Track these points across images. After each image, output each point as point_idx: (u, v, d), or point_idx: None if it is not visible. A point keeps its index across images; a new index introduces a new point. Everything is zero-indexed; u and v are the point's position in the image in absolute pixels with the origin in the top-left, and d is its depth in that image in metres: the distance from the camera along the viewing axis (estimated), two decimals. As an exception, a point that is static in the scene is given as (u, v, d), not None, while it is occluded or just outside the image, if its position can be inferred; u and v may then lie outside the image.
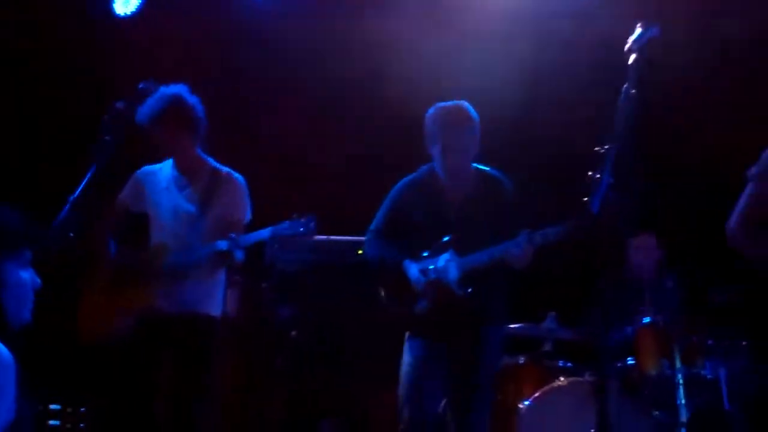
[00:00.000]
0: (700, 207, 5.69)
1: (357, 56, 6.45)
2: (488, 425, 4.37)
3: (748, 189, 3.71)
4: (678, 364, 4.83)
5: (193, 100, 4.55)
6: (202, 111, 4.57)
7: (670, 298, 5.32)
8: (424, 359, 4.33)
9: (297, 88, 6.59)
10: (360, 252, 4.88)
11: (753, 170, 3.69)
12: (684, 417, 4.72)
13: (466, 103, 4.40)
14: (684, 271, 5.48)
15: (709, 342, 4.99)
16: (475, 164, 4.42)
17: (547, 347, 5.41)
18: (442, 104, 4.41)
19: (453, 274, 4.23)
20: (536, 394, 4.92)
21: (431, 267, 4.27)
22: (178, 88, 4.54)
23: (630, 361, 5.07)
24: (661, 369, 4.92)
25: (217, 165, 4.62)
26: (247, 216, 4.54)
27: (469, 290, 4.21)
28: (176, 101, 4.49)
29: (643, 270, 5.80)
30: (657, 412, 4.82)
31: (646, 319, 5.05)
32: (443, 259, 4.26)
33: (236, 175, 4.59)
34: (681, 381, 4.77)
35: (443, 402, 4.49)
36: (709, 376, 4.94)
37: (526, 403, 4.89)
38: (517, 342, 5.41)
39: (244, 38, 6.54)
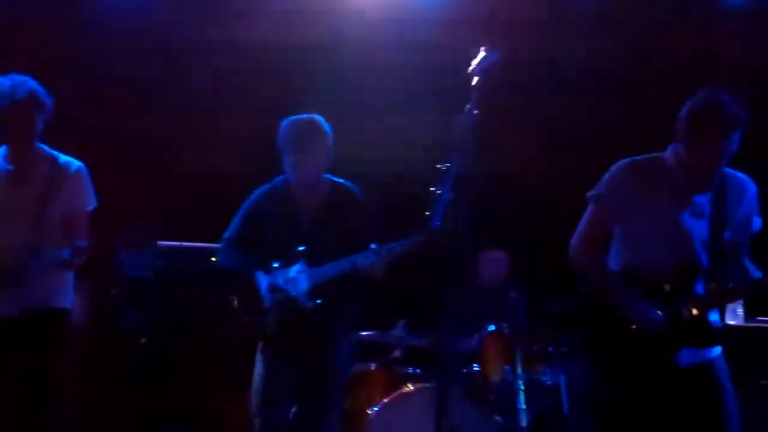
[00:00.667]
0: (540, 221, 5.98)
1: (218, 58, 6.46)
2: (337, 432, 4.48)
3: (588, 211, 3.95)
4: (519, 370, 5.04)
5: (43, 90, 4.42)
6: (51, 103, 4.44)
7: (513, 307, 5.54)
8: (276, 368, 4.39)
9: (155, 89, 6.52)
10: (213, 259, 4.90)
11: (592, 192, 3.92)
12: (524, 422, 4.93)
13: (318, 117, 4.47)
14: (526, 282, 5.71)
15: (550, 349, 5.23)
16: (328, 176, 4.51)
17: (397, 354, 5.54)
18: (295, 117, 4.46)
19: (303, 285, 4.31)
20: (385, 400, 5.03)
21: (282, 278, 4.34)
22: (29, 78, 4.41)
23: (475, 368, 5.26)
24: (503, 375, 5.13)
25: (55, 153, 4.43)
26: (91, 204, 4.42)
27: (318, 302, 4.30)
28: (34, 88, 4.35)
29: (492, 282, 6.03)
30: (499, 417, 5.00)
31: (491, 328, 5.26)
32: (294, 270, 4.33)
33: (76, 163, 4.41)
34: (522, 387, 4.99)
35: (293, 409, 4.57)
36: (549, 382, 5.18)
37: (375, 409, 4.99)
38: (368, 349, 5.52)
39: (98, 33, 6.42)
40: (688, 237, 3.75)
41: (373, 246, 4.21)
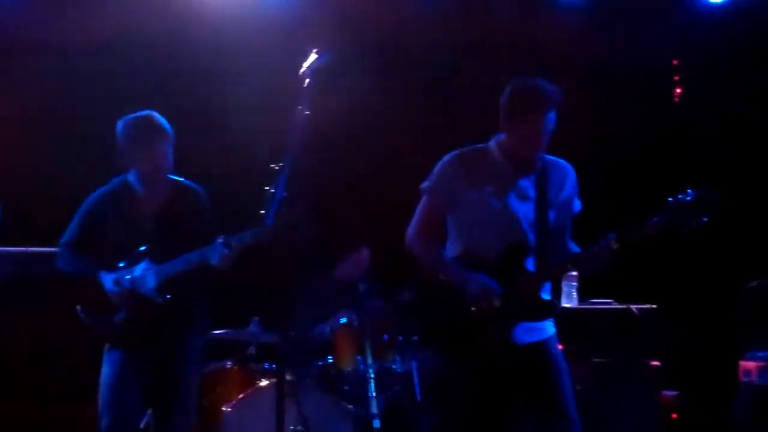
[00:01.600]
0: (386, 213, 6.16)
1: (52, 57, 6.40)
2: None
3: (422, 201, 4.14)
4: (370, 360, 5.21)
5: None
6: None
7: (363, 298, 5.68)
8: (125, 370, 4.36)
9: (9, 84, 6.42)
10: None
11: (425, 184, 4.11)
12: (375, 409, 5.08)
13: (155, 114, 4.47)
14: (376, 273, 5.87)
15: (399, 338, 5.42)
16: (169, 175, 4.54)
17: (252, 351, 5.61)
18: (131, 116, 4.45)
19: (150, 282, 4.32)
20: (239, 397, 5.11)
21: (128, 277, 4.34)
22: None
23: (329, 360, 5.40)
24: (356, 365, 5.28)
25: None
26: None
27: (168, 297, 4.33)
28: None
29: (350, 278, 6.15)
30: (351, 406, 5.15)
31: (343, 320, 5.40)
32: (140, 269, 4.33)
33: None
34: (373, 375, 5.15)
35: (148, 413, 4.60)
36: (399, 370, 5.36)
37: (229, 406, 5.06)
38: (223, 347, 5.58)
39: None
40: (516, 219, 3.97)
41: (221, 237, 4.24)
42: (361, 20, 6.16)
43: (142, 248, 4.36)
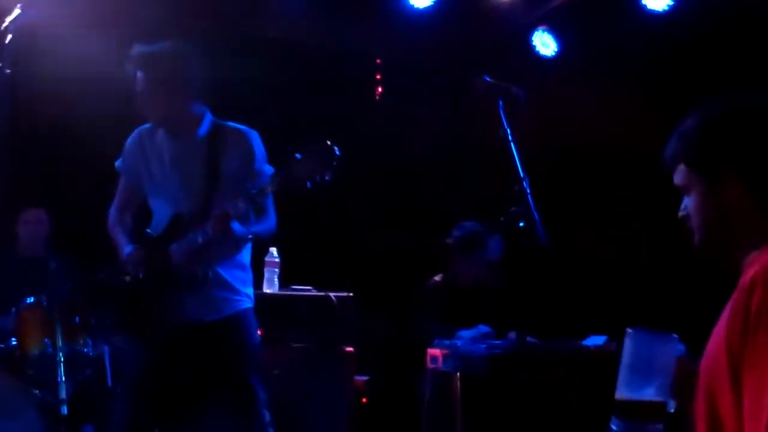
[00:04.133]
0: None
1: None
2: None
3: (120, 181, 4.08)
4: (60, 342, 4.94)
5: None
6: None
7: (54, 278, 5.41)
8: None
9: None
10: None
11: (118, 163, 4.07)
12: (63, 394, 4.84)
13: None
14: (70, 251, 5.61)
15: (93, 321, 5.19)
16: None
17: None
18: None
19: None
20: None
21: None
22: None
23: (12, 342, 5.06)
24: (43, 348, 5.00)
25: None
26: None
27: None
28: None
29: (31, 245, 5.80)
30: (37, 391, 4.87)
31: (30, 300, 5.09)
32: None
33: None
34: (62, 359, 4.90)
35: None
36: (91, 354, 5.14)
37: None
38: None
39: None
40: (179, 188, 3.92)
41: None
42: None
43: None
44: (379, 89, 7.57)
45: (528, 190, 3.80)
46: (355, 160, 6.84)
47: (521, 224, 3.77)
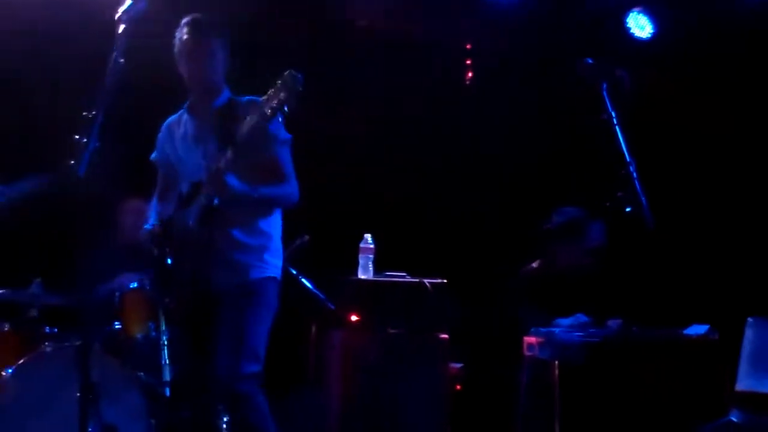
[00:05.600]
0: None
1: None
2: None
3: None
4: (163, 326, 5.03)
5: None
6: None
7: (156, 262, 5.48)
8: None
9: None
10: None
11: (153, 156, 4.43)
12: (168, 376, 4.92)
13: None
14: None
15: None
16: None
17: (33, 314, 5.29)
18: None
19: None
20: (20, 362, 4.80)
21: None
22: None
23: (117, 325, 5.17)
24: (147, 331, 5.09)
25: None
26: None
27: None
28: None
29: (132, 234, 5.92)
30: (142, 373, 4.96)
31: (133, 284, 5.18)
32: None
33: None
34: (165, 342, 4.98)
35: None
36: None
37: (9, 371, 4.75)
38: (1, 308, 5.24)
39: None
40: (200, 160, 4.15)
41: None
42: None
43: None
44: (469, 74, 7.52)
45: (634, 175, 3.73)
46: (448, 146, 6.93)
47: (628, 209, 3.71)
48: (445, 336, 5.38)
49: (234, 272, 4.12)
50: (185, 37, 4.09)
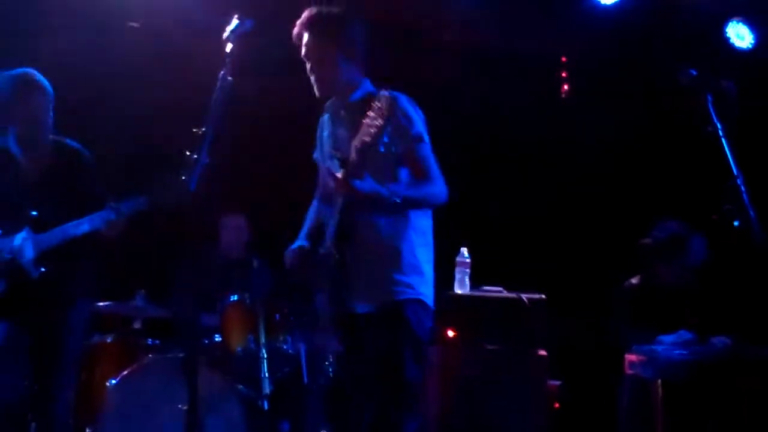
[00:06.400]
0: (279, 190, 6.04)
1: None
2: (72, 406, 4.32)
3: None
4: (263, 339, 5.08)
5: None
6: None
7: (256, 276, 5.56)
8: (8, 341, 4.16)
9: None
10: None
11: (314, 155, 4.02)
12: (267, 389, 4.97)
13: (34, 71, 4.22)
14: (268, 252, 5.76)
15: (292, 318, 5.31)
16: (52, 135, 4.30)
17: (137, 325, 5.42)
18: (8, 72, 4.20)
19: (29, 253, 4.08)
20: (124, 372, 4.91)
21: (6, 247, 4.10)
22: None
23: (217, 338, 5.24)
24: (246, 344, 5.14)
25: None
26: None
27: (42, 270, 4.09)
28: None
29: (232, 249, 6.03)
30: (242, 386, 5.02)
31: (233, 298, 5.25)
32: (19, 238, 4.10)
33: None
34: (265, 355, 5.03)
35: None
36: (290, 351, 5.25)
37: (114, 381, 4.86)
38: (106, 320, 5.37)
39: None
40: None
41: (110, 204, 4.05)
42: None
43: (30, 214, 4.12)
44: (565, 87, 7.44)
45: (743, 188, 3.63)
46: (546, 160, 6.86)
47: (736, 223, 3.60)
48: (544, 352, 5.31)
49: (378, 292, 3.66)
50: (303, 41, 3.71)
